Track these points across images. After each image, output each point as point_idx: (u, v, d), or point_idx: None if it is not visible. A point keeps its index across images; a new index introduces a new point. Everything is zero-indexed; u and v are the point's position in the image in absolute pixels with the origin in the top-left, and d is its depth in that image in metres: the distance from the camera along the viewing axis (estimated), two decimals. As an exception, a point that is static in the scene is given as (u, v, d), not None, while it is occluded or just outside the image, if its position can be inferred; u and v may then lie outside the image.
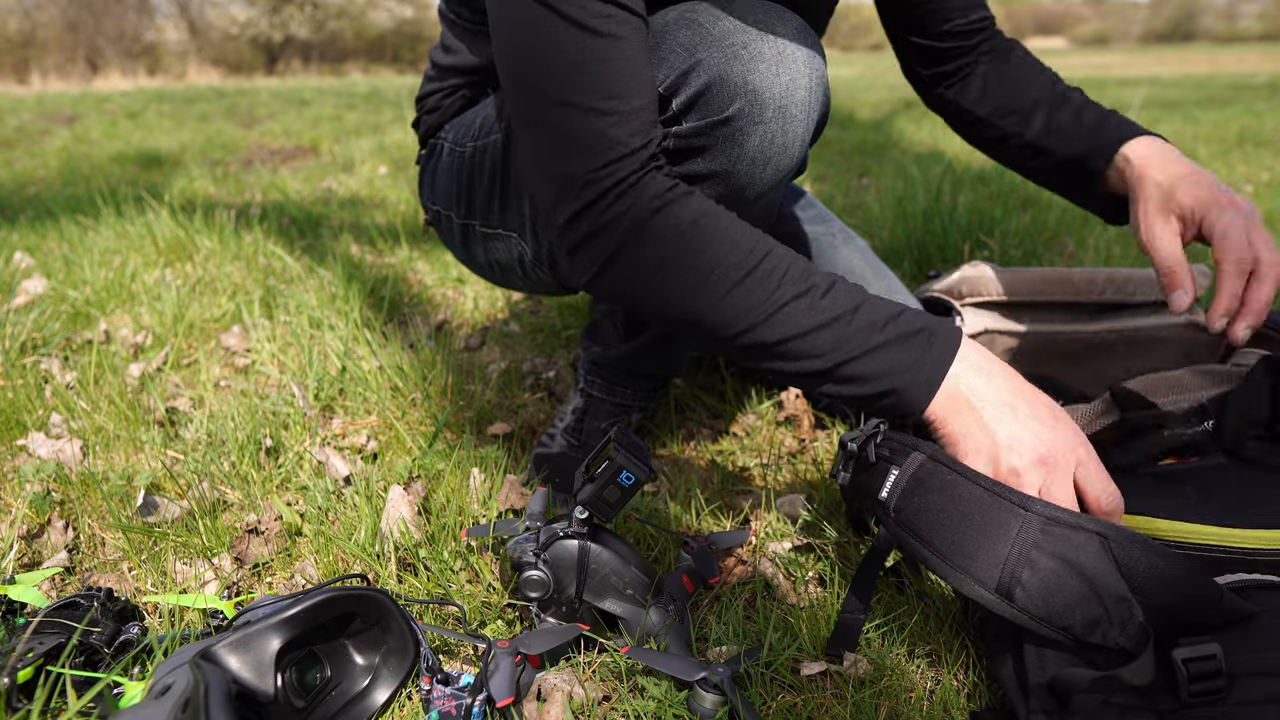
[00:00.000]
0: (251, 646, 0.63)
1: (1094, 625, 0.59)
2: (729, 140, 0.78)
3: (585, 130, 0.70)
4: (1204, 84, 8.31)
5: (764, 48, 0.76)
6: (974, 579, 0.63)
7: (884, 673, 0.73)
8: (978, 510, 0.65)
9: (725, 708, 0.67)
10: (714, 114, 0.77)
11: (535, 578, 0.75)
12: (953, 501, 0.66)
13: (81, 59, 17.98)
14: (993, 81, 1.06)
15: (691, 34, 0.77)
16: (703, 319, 0.72)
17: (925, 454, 0.71)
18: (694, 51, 0.76)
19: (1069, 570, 0.60)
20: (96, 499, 1.02)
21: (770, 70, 0.76)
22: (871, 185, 3.05)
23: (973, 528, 0.64)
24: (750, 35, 0.76)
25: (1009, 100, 1.05)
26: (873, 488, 0.73)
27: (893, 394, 0.70)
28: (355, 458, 1.14)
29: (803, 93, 0.78)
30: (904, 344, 0.70)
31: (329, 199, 3.08)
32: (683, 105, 0.77)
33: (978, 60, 1.07)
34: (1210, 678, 0.57)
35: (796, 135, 0.80)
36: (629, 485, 0.73)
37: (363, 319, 1.54)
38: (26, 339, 1.50)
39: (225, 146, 4.68)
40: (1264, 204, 2.47)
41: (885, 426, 0.76)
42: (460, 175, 1.01)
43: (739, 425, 1.22)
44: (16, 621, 0.75)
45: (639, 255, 0.72)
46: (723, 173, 0.80)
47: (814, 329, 0.70)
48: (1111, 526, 0.61)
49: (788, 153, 0.80)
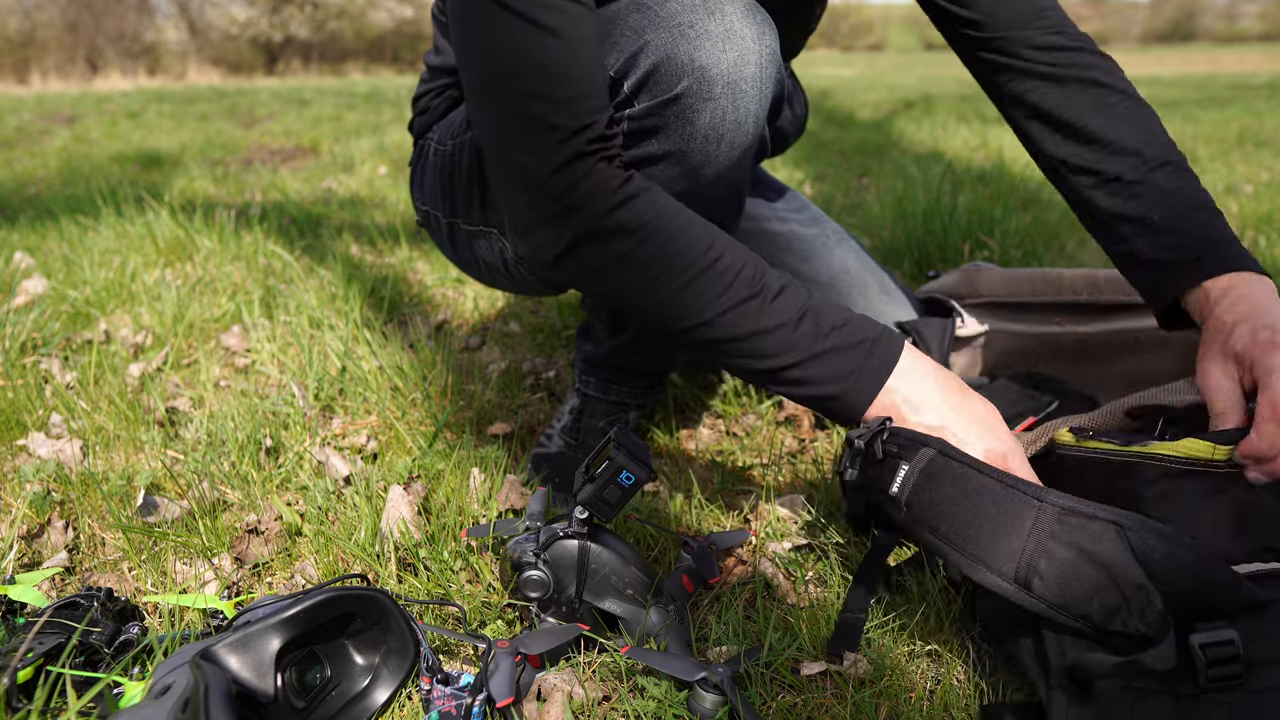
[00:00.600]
0: (251, 646, 0.63)
1: (1113, 613, 0.60)
2: (680, 119, 0.78)
3: (527, 118, 0.71)
4: (1204, 84, 8.31)
5: (710, 25, 0.77)
6: (991, 569, 0.64)
7: (884, 673, 0.73)
8: (991, 502, 0.65)
9: (725, 708, 0.67)
10: (663, 93, 0.77)
11: (535, 578, 0.75)
12: (965, 494, 0.67)
13: (81, 59, 17.98)
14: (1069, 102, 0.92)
15: (640, 16, 0.78)
16: (655, 313, 0.75)
17: (935, 449, 0.71)
18: (642, 33, 0.78)
19: (1086, 559, 0.61)
20: (96, 499, 1.02)
21: (717, 47, 0.77)
22: (871, 185, 3.05)
23: (987, 519, 0.65)
24: (697, 15, 0.77)
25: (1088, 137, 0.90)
26: (882, 483, 0.73)
27: (834, 399, 0.75)
28: (355, 458, 1.14)
29: (752, 68, 0.78)
30: (845, 353, 0.74)
31: (329, 199, 3.08)
32: (633, 87, 0.78)
33: (1048, 71, 0.93)
34: (1228, 663, 0.57)
35: (749, 111, 0.80)
36: (629, 485, 0.73)
37: (363, 319, 1.54)
38: (26, 339, 1.50)
39: (225, 146, 4.68)
40: (1264, 204, 2.47)
41: (891, 422, 0.77)
42: (443, 174, 1.02)
43: (739, 425, 1.22)
44: (16, 621, 0.75)
45: (595, 250, 0.74)
46: (677, 152, 0.81)
47: (761, 332, 0.73)
48: (1127, 515, 0.62)
49: (741, 129, 0.81)
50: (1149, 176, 0.87)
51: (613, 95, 0.79)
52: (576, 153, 0.71)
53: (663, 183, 0.83)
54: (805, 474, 1.09)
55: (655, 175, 0.83)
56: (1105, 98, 0.90)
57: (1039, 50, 0.92)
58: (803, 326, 0.74)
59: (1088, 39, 0.93)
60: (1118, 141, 0.89)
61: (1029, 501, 0.64)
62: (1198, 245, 0.84)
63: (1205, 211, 0.86)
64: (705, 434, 1.22)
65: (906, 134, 4.40)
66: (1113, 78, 0.91)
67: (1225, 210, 2.45)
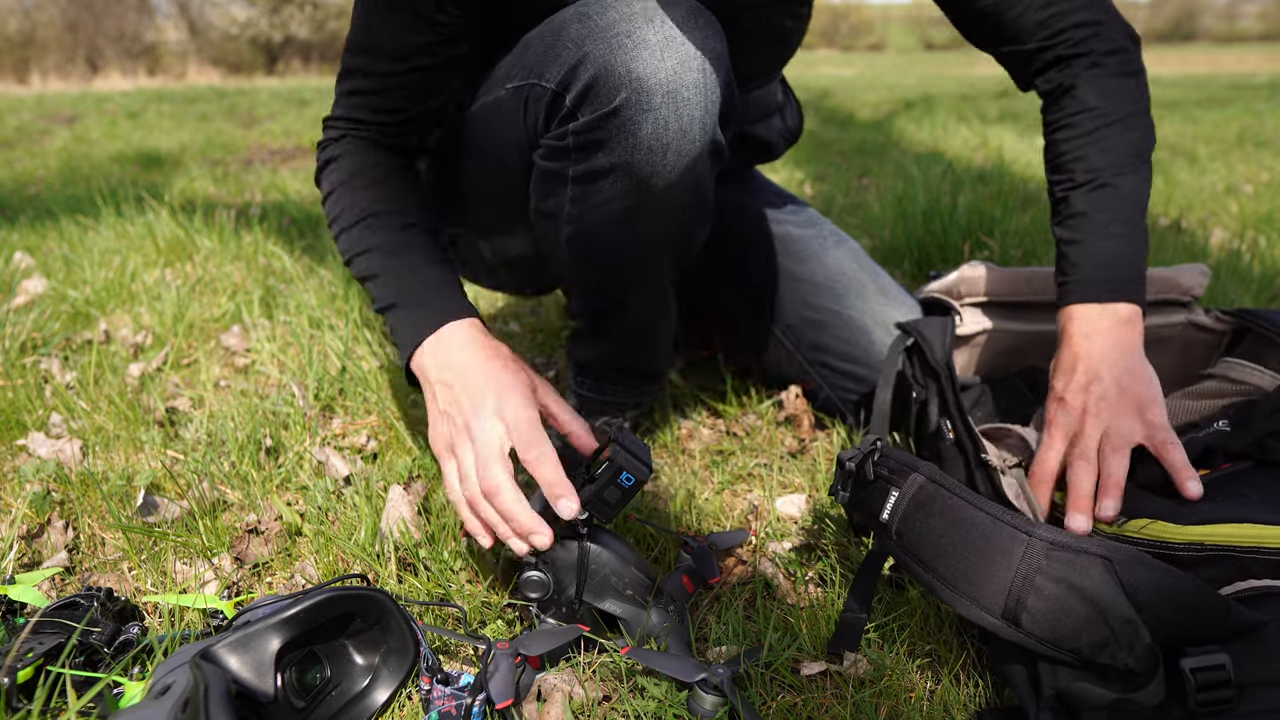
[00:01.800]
0: (251, 646, 0.63)
1: (1101, 647, 0.60)
2: (621, 131, 0.78)
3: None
4: (1204, 84, 8.31)
5: (649, 34, 0.76)
6: (979, 605, 0.63)
7: (884, 673, 0.73)
8: (980, 536, 0.65)
9: (725, 708, 0.67)
10: (603, 106, 0.77)
11: (535, 578, 0.75)
12: (954, 527, 0.66)
13: (81, 59, 17.98)
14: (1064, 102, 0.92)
15: (580, 27, 0.78)
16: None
17: (924, 475, 0.70)
18: (581, 44, 0.77)
19: (1074, 594, 0.60)
20: (96, 499, 1.02)
21: (655, 56, 0.75)
22: (871, 185, 3.05)
23: (975, 553, 0.64)
24: (635, 23, 0.76)
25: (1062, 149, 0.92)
26: (874, 507, 0.73)
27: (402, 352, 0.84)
28: (355, 457, 1.14)
29: (694, 74, 0.77)
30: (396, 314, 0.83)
31: (329, 199, 3.07)
32: (574, 100, 0.78)
33: (1060, 71, 0.92)
34: (1219, 687, 0.57)
35: (693, 118, 0.79)
36: (629, 486, 0.73)
37: (363, 319, 1.54)
38: (26, 339, 1.50)
39: (225, 146, 4.68)
40: (1264, 204, 2.47)
41: (882, 444, 0.76)
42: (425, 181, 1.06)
43: (739, 425, 1.22)
44: (16, 621, 0.75)
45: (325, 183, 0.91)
46: (623, 164, 0.80)
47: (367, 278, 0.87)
48: (1115, 548, 0.61)
49: (687, 137, 0.80)
50: (1069, 195, 0.89)
51: (557, 109, 0.79)
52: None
53: (614, 196, 0.83)
54: (805, 474, 1.09)
55: (607, 188, 0.83)
56: (1073, 110, 0.90)
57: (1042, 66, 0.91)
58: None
59: (1095, 35, 0.88)
60: (1062, 160, 0.90)
61: (1017, 535, 0.64)
62: (1071, 270, 0.87)
63: (1098, 238, 0.86)
64: (705, 434, 1.22)
65: (906, 134, 4.40)
66: (1089, 88, 0.89)
67: (1225, 210, 2.45)
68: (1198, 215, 2.43)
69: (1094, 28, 0.88)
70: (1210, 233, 2.19)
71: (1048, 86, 0.92)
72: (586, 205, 0.85)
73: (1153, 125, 0.91)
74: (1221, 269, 1.75)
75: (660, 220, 0.89)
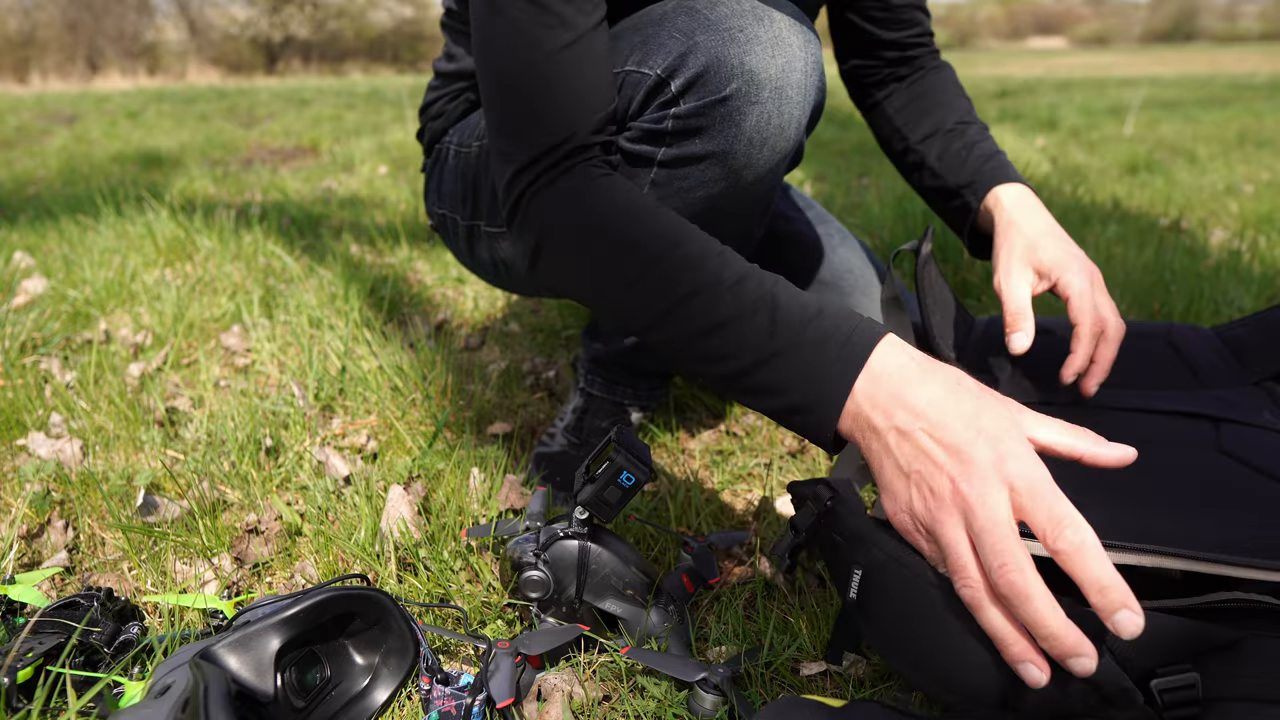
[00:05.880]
0: (251, 646, 0.63)
1: (1094, 709, 0.59)
2: (726, 119, 0.79)
3: (524, 118, 0.73)
4: (1204, 84, 8.32)
5: (760, 31, 0.78)
6: (974, 699, 0.58)
7: (884, 673, 0.73)
8: (956, 616, 0.57)
9: (725, 708, 0.67)
10: (712, 94, 0.78)
11: (535, 578, 0.75)
12: (922, 618, 0.59)
13: (81, 59, 17.97)
14: (915, 96, 1.11)
15: (689, 20, 0.80)
16: (617, 310, 0.69)
17: (884, 553, 0.60)
18: (691, 35, 0.79)
19: (1067, 676, 0.56)
20: (96, 499, 1.02)
21: (766, 53, 0.78)
22: (871, 185, 3.05)
23: (955, 650, 0.58)
24: (746, 20, 0.79)
25: (922, 118, 1.09)
26: (840, 582, 0.64)
27: (799, 412, 0.60)
28: (355, 457, 1.14)
29: (798, 75, 0.80)
30: (806, 351, 0.59)
31: (329, 199, 3.08)
32: (681, 87, 0.79)
33: (913, 71, 1.13)
34: (1187, 705, 0.57)
35: (793, 117, 0.81)
36: (629, 486, 0.73)
37: (363, 319, 1.54)
38: (26, 339, 1.50)
39: (225, 146, 4.68)
40: (1264, 204, 2.47)
41: (833, 502, 0.65)
42: (466, 176, 1.01)
43: (739, 425, 1.22)
44: (16, 621, 0.75)
45: (556, 252, 0.73)
46: (720, 152, 0.81)
47: (711, 330, 0.62)
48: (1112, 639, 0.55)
49: (784, 134, 0.82)
50: (931, 139, 1.07)
51: (658, 94, 0.80)
52: (560, 158, 0.73)
53: (703, 183, 0.84)
54: (805, 474, 1.09)
55: (696, 175, 0.84)
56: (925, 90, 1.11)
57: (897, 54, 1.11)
58: (758, 320, 0.61)
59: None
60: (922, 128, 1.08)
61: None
62: (983, 160, 1.01)
63: (986, 142, 1.04)
64: (705, 434, 1.22)
65: (906, 134, 4.39)
66: (938, 72, 1.12)
67: (1225, 210, 2.46)
68: (1198, 215, 2.43)
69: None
70: (1210, 233, 2.19)
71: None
72: (668, 190, 0.85)
73: None
74: (1222, 269, 1.75)
75: (735, 213, 0.91)
